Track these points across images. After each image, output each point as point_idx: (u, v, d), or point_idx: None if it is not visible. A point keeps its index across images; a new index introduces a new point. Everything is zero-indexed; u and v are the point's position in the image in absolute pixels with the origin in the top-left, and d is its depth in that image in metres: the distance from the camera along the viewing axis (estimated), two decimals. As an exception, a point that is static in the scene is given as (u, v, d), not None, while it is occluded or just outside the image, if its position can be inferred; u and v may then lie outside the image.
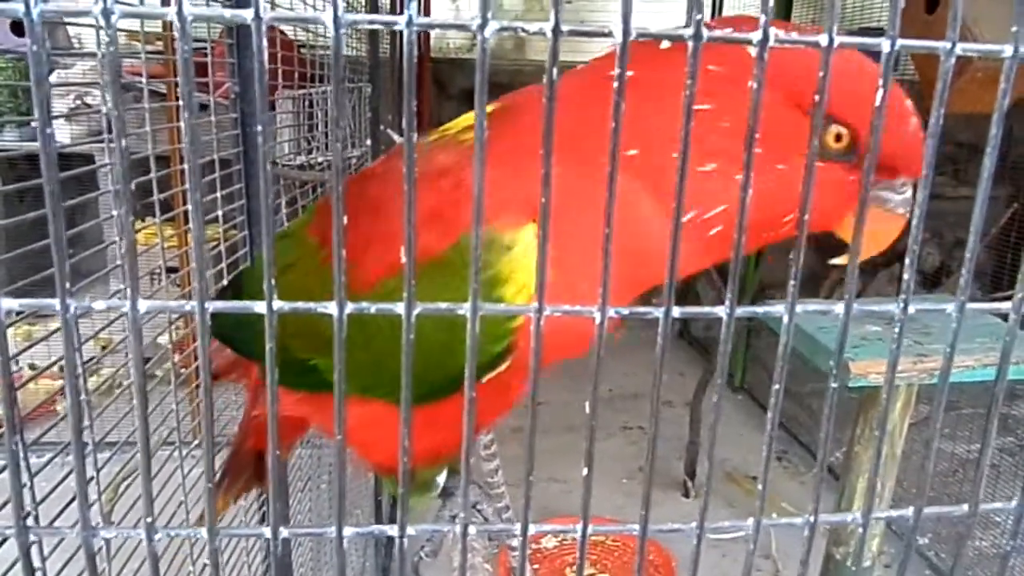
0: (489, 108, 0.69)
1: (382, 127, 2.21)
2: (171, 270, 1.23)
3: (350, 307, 0.27)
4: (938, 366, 1.63)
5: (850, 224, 0.60)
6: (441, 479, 0.82)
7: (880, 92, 0.29)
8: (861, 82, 0.56)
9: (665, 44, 0.60)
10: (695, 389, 3.28)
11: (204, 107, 1.27)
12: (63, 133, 2.66)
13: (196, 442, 1.22)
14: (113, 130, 0.25)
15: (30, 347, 0.83)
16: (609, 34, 0.26)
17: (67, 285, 0.27)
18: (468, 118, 0.73)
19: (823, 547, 1.94)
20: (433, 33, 4.99)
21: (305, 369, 0.72)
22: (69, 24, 2.90)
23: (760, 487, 0.30)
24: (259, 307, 0.27)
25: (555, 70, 0.26)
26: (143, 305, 0.27)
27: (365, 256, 0.66)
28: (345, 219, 0.40)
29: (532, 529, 0.30)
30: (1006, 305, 0.34)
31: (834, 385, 0.30)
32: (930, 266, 4.89)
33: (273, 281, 0.28)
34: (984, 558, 2.78)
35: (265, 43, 0.25)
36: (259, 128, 0.25)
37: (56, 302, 0.27)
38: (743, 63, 0.55)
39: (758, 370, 4.27)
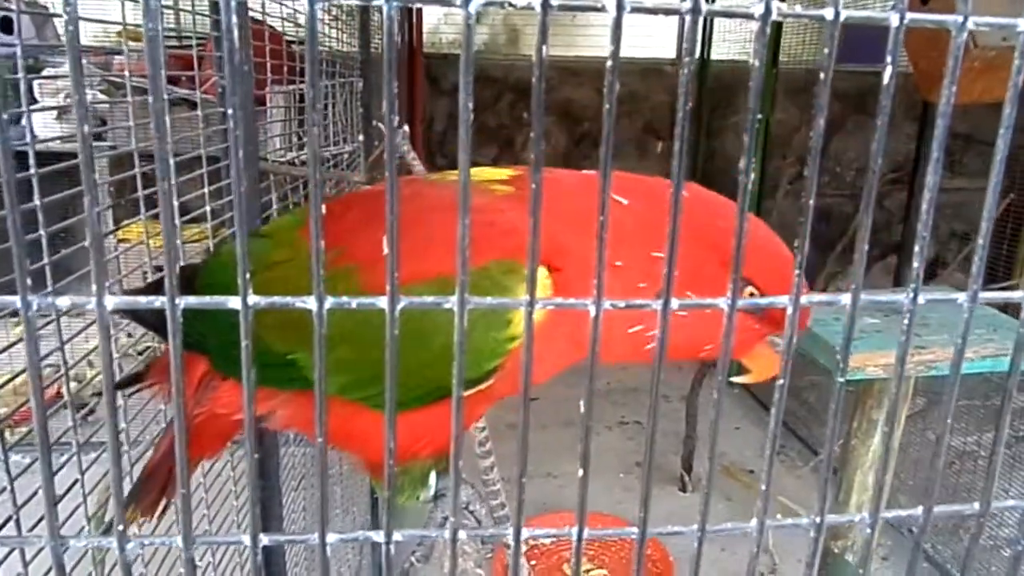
0: (513, 171, 0.83)
1: (374, 122, 2.19)
2: (158, 268, 1.21)
3: (330, 301, 0.26)
4: (936, 358, 1.63)
5: (752, 355, 0.81)
6: (433, 481, 0.80)
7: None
8: (771, 257, 0.76)
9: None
10: (691, 383, 3.27)
11: (193, 104, 1.25)
12: (52, 132, 2.63)
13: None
14: (74, 96, 0.23)
15: (6, 349, 0.81)
16: (602, 9, 0.25)
17: (27, 281, 0.25)
18: (490, 172, 0.84)
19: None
20: (426, 28, 4.96)
21: (281, 363, 0.72)
22: (56, 16, 2.87)
23: (763, 487, 0.29)
24: (233, 302, 0.26)
25: (545, 48, 0.24)
26: (110, 302, 0.26)
27: (384, 261, 0.67)
28: (347, 224, 0.38)
29: (525, 533, 0.28)
30: (1018, 294, 0.32)
31: (841, 380, 0.28)
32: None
33: (248, 276, 0.26)
34: (982, 551, 2.77)
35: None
36: (234, 103, 0.24)
37: (16, 299, 0.25)
38: (691, 232, 0.69)
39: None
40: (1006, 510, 0.34)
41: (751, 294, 0.76)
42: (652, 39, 4.76)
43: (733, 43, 4.69)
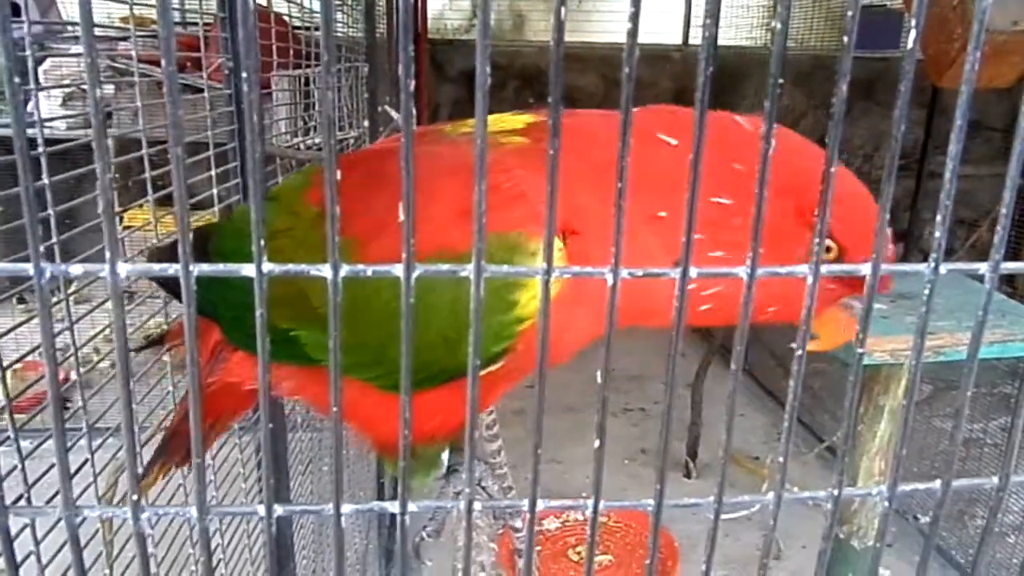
0: (532, 117, 0.75)
1: (379, 107, 2.18)
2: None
3: (345, 269, 0.26)
4: (944, 343, 1.62)
5: (823, 320, 0.69)
6: (444, 459, 0.80)
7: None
8: (857, 209, 0.64)
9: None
10: (696, 370, 3.27)
11: (199, 90, 1.24)
12: (58, 122, 2.62)
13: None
14: (86, 58, 0.23)
15: (12, 330, 0.81)
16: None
17: (40, 248, 0.25)
18: (504, 121, 0.75)
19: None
20: (430, 15, 4.93)
21: (284, 340, 0.71)
22: None
23: (781, 460, 0.29)
24: (247, 270, 0.25)
25: (563, 9, 0.24)
26: (123, 269, 0.25)
27: (383, 236, 0.65)
28: (344, 189, 0.38)
29: (540, 505, 0.28)
30: (983, 265, 0.32)
31: (860, 350, 0.28)
32: (929, 245, 4.88)
33: (263, 242, 0.26)
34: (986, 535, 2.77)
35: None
36: (246, 70, 0.23)
37: (29, 267, 0.25)
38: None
39: (758, 350, 4.26)
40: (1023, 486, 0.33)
41: (828, 249, 0.65)
42: (658, 25, 4.72)
43: (740, 28, 4.66)
